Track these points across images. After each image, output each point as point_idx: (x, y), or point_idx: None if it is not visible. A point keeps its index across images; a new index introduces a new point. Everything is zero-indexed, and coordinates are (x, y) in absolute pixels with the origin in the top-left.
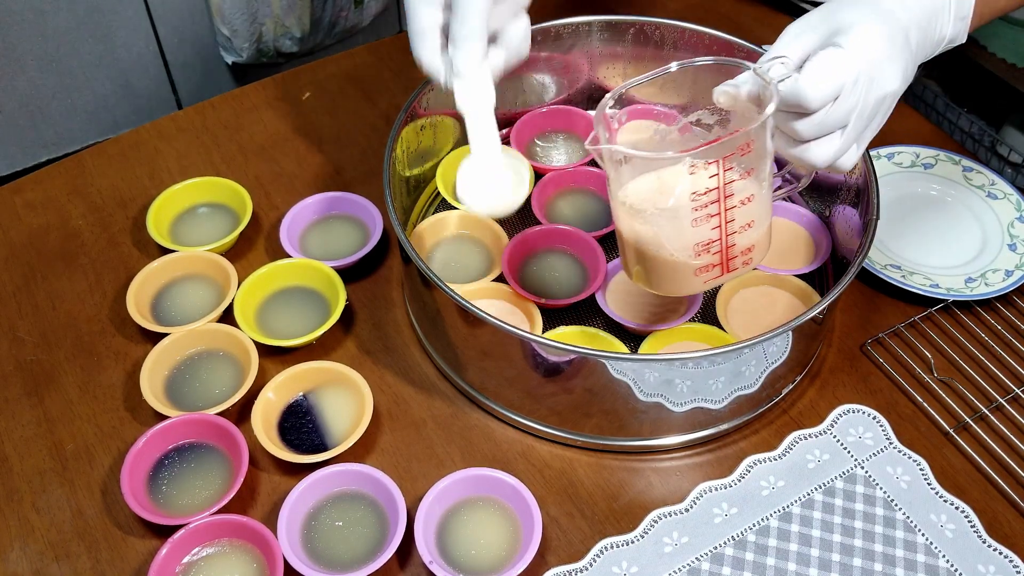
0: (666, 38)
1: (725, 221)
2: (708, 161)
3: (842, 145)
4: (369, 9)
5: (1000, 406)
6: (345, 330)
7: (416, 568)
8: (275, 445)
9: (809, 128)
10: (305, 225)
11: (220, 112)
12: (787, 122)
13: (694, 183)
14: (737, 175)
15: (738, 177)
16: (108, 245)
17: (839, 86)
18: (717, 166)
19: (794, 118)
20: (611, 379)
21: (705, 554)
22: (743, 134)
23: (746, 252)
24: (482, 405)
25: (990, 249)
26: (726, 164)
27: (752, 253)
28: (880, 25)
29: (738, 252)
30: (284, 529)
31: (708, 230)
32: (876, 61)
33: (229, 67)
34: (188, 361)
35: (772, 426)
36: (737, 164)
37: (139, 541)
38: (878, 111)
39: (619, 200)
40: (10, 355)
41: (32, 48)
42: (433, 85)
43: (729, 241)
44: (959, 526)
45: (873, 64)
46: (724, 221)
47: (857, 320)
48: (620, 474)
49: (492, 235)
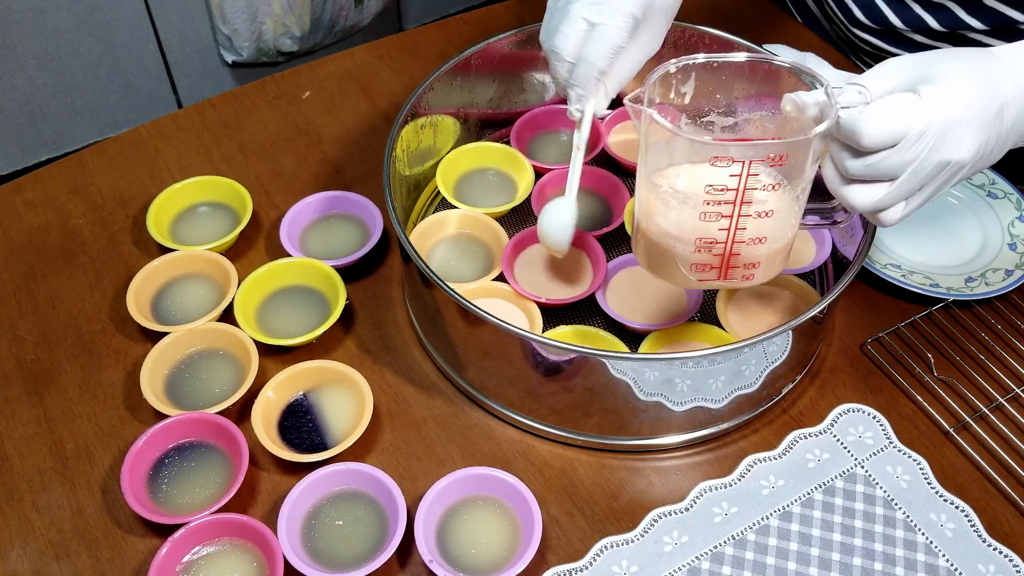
0: (666, 38)
1: (735, 227)
2: (734, 158)
3: (887, 197)
4: (369, 8)
5: (1000, 405)
6: (345, 329)
7: (416, 567)
8: (275, 444)
9: (857, 167)
10: (305, 224)
11: (220, 111)
12: (839, 152)
13: (714, 175)
14: (761, 184)
15: (761, 187)
16: (108, 244)
17: (900, 133)
18: (741, 167)
19: (847, 152)
20: (611, 378)
21: (705, 553)
22: (777, 143)
23: (749, 267)
24: (482, 404)
25: (990, 249)
26: (751, 168)
27: (755, 271)
28: (974, 87)
29: (740, 264)
30: (284, 528)
31: (715, 229)
32: (952, 122)
33: (229, 66)
34: (188, 360)
35: (772, 425)
36: (765, 173)
37: (139, 540)
38: (937, 176)
39: (641, 165)
40: (10, 354)
41: (32, 47)
42: (433, 84)
43: (734, 249)
44: (959, 525)
45: (947, 124)
46: (734, 226)
47: (857, 320)
48: (620, 473)
49: (492, 235)
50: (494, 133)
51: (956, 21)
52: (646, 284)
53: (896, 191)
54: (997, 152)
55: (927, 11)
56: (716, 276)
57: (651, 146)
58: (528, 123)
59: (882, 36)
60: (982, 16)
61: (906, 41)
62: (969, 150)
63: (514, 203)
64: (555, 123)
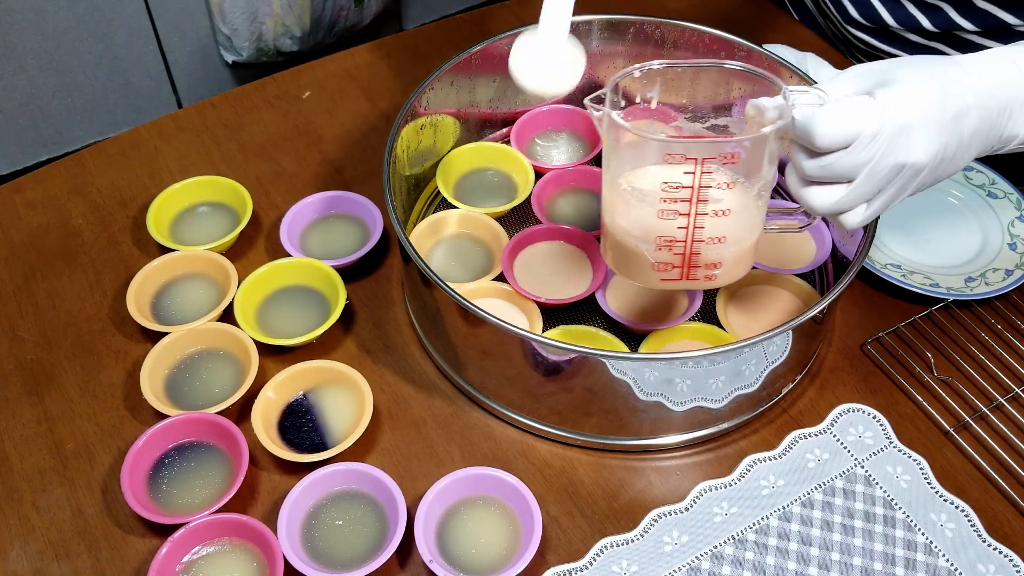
0: (666, 37)
1: (693, 225)
2: (686, 156)
3: (845, 199)
4: (369, 8)
5: (1000, 405)
6: (345, 329)
7: (416, 567)
8: (275, 444)
9: (812, 168)
10: (305, 224)
11: (220, 111)
12: (797, 154)
13: (669, 173)
14: (716, 182)
15: (716, 185)
16: (108, 244)
17: (853, 135)
18: (694, 164)
19: (804, 154)
20: (611, 378)
21: (705, 553)
22: (726, 141)
23: (711, 267)
24: (482, 404)
25: (990, 248)
26: (704, 166)
27: (717, 271)
28: (930, 92)
29: (702, 263)
30: (284, 528)
31: (674, 227)
32: (905, 125)
33: (229, 66)
34: (188, 360)
35: (772, 425)
36: (719, 171)
37: (139, 540)
38: (895, 179)
39: (603, 165)
40: (10, 354)
41: (32, 47)
42: (433, 84)
43: (694, 248)
44: (959, 525)
45: (901, 127)
46: (692, 225)
47: (857, 319)
48: (620, 473)
49: (492, 234)
50: (494, 133)
51: (949, 22)
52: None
53: (854, 193)
54: (960, 158)
55: (920, 11)
56: (679, 276)
57: (612, 146)
58: (528, 123)
59: (876, 34)
60: (973, 18)
61: (900, 40)
62: (925, 153)
63: (514, 203)
64: (555, 123)
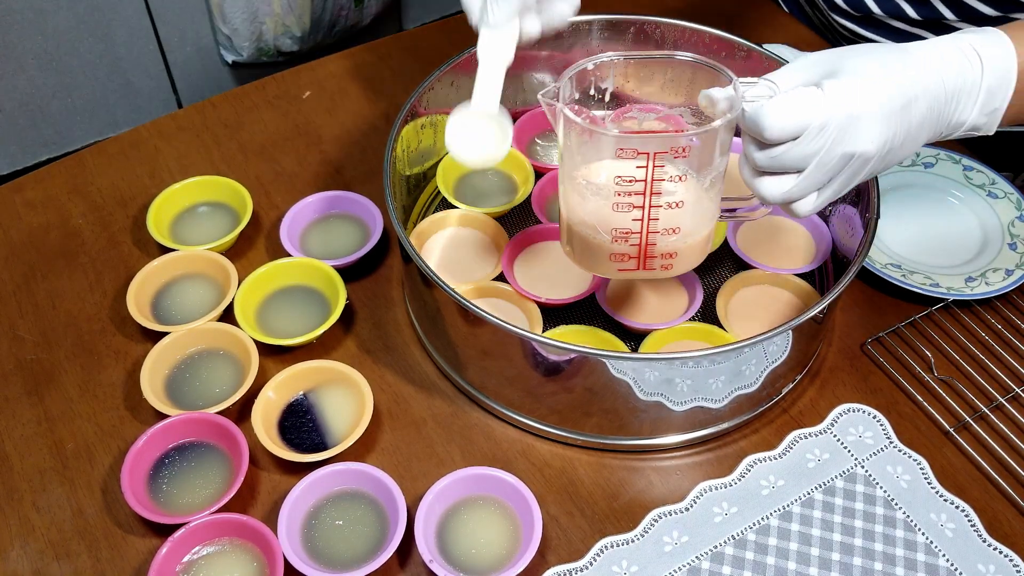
0: (666, 37)
1: (648, 217)
2: (639, 151)
3: (795, 189)
4: (369, 8)
5: (1000, 405)
6: (345, 329)
7: (416, 567)
8: (275, 444)
9: (763, 159)
10: (305, 224)
11: (220, 111)
12: (749, 146)
13: (622, 167)
14: (668, 175)
15: (668, 178)
16: (108, 244)
17: (801, 126)
18: (647, 158)
19: (755, 145)
20: (611, 378)
21: (705, 553)
22: (676, 136)
23: (667, 257)
24: (482, 404)
25: (990, 248)
26: (656, 160)
27: (673, 260)
28: (878, 82)
29: (658, 254)
30: (284, 528)
31: (629, 220)
32: (854, 116)
33: (229, 66)
34: (188, 360)
35: (772, 425)
36: (671, 165)
37: (139, 540)
38: (844, 168)
39: (559, 160)
40: (10, 354)
41: (32, 47)
42: (433, 84)
43: (649, 240)
44: (959, 525)
45: (849, 117)
46: (647, 217)
47: (857, 319)
48: (620, 473)
49: (492, 234)
50: None
51: (933, 10)
52: (646, 284)
53: (804, 182)
54: (909, 146)
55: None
56: (636, 266)
57: (567, 141)
58: (528, 123)
59: (861, 22)
60: (955, 8)
61: (885, 27)
62: (873, 143)
63: (514, 203)
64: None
